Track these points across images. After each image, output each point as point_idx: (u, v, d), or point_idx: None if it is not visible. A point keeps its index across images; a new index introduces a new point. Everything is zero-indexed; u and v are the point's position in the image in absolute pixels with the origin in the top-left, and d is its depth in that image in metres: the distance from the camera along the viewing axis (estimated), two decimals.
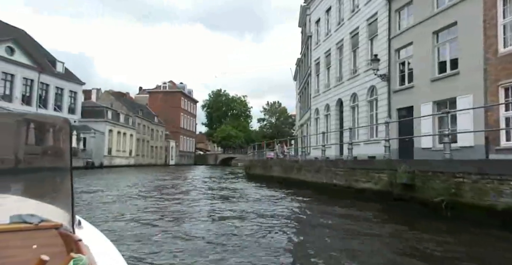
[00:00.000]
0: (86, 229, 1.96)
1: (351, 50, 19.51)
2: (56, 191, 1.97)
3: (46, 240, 1.57)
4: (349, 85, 19.32)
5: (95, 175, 24.19)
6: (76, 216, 1.83)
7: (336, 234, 5.97)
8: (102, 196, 11.54)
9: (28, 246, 1.51)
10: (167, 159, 65.68)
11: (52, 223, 1.67)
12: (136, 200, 10.40)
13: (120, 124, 45.61)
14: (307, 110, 27.56)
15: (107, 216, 7.53)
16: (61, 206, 1.82)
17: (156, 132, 61.78)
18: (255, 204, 9.48)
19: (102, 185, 14.87)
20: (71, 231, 1.68)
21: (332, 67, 21.91)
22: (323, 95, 23.36)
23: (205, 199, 10.01)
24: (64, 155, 1.92)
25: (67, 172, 1.82)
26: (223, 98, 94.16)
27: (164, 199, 10.84)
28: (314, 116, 25.10)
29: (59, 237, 1.62)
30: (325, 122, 23.11)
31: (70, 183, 1.79)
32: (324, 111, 23.08)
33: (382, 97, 15.94)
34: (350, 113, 19.41)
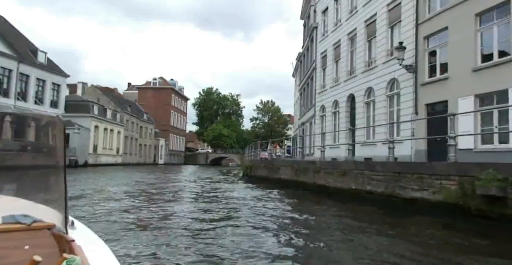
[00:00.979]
0: (79, 230, 1.93)
1: (366, 40, 17.65)
2: (49, 191, 1.93)
3: (39, 240, 1.55)
4: (364, 78, 17.45)
5: (76, 175, 21.80)
6: (69, 217, 1.78)
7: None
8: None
9: (20, 247, 1.47)
10: (156, 158, 63.12)
11: (45, 223, 1.63)
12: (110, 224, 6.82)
13: (107, 120, 43.02)
14: (310, 108, 25.65)
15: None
16: (54, 207, 1.79)
17: (145, 129, 59.20)
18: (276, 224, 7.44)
19: (77, 189, 12.64)
20: (64, 231, 1.66)
21: (342, 59, 20.03)
22: (330, 90, 21.47)
23: (204, 221, 7.72)
24: (57, 154, 1.86)
25: (61, 171, 1.77)
26: (215, 97, 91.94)
27: (148, 220, 8.26)
28: (319, 114, 23.19)
29: (52, 237, 1.60)
30: (332, 120, 21.23)
31: (63, 183, 1.74)
32: (332, 108, 21.19)
33: (406, 91, 14.09)
34: (364, 109, 17.55)
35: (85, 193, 11.67)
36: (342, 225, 6.59)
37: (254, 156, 23.66)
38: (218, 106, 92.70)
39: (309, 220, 7.11)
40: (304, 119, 28.11)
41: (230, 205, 9.32)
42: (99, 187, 14.39)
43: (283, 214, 7.89)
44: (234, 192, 12.99)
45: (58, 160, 1.86)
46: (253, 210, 8.39)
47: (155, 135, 63.61)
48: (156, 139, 63.49)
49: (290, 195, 11.43)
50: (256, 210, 8.40)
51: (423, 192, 7.06)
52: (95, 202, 9.35)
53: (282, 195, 11.67)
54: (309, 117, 25.74)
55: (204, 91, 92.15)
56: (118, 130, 46.75)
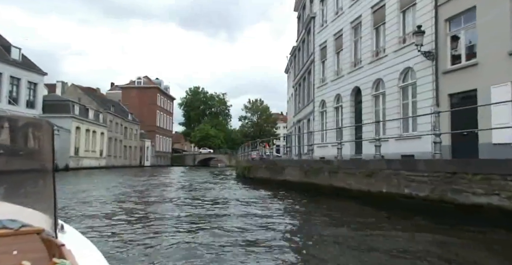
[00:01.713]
0: (69, 234, 1.90)
1: (373, 28, 16.24)
2: (38, 195, 1.88)
3: (28, 245, 1.52)
4: (371, 69, 16.04)
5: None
6: (59, 221, 1.76)
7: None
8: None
9: (8, 252, 1.43)
10: (142, 160, 60.75)
11: (33, 228, 1.61)
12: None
13: (89, 120, 40.63)
14: (308, 103, 24.18)
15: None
16: (43, 211, 1.76)
17: (130, 130, 56.79)
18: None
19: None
20: (53, 235, 1.64)
21: (345, 50, 18.59)
22: (331, 84, 20.02)
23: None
24: (46, 158, 1.83)
25: (49, 175, 1.75)
26: (202, 96, 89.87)
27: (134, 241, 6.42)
28: (319, 110, 21.73)
29: (41, 242, 1.57)
30: (334, 115, 19.79)
31: (52, 187, 1.72)
32: (334, 102, 19.75)
33: (423, 81, 12.69)
34: (372, 103, 16.13)
35: (60, 205, 9.81)
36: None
37: (244, 157, 22.06)
38: (205, 106, 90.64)
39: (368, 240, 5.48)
40: (301, 116, 26.63)
41: (244, 221, 7.62)
42: (77, 197, 12.48)
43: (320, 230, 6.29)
44: (243, 200, 11.33)
45: (46, 163, 1.83)
46: (275, 229, 6.76)
47: (141, 136, 61.23)
48: (142, 140, 61.11)
49: (308, 202, 9.84)
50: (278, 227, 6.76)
51: (492, 197, 5.57)
52: (71, 219, 7.54)
53: (298, 202, 10.07)
54: (307, 114, 24.27)
55: (190, 91, 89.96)
56: (101, 131, 44.37)
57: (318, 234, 5.84)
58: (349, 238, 5.50)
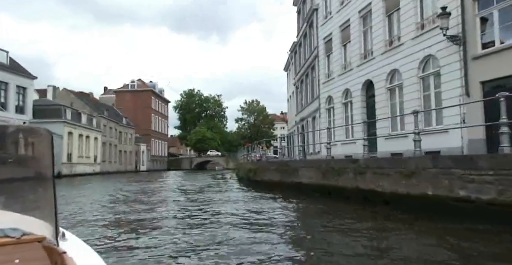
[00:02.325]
0: (71, 241, 1.89)
1: (385, 16, 15.07)
2: (39, 202, 1.86)
3: (29, 254, 1.48)
4: (384, 60, 14.86)
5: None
6: (60, 228, 1.77)
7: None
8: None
9: (10, 261, 1.40)
10: (137, 165, 59.16)
11: (35, 236, 1.57)
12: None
13: (82, 125, 39.09)
14: (312, 101, 22.96)
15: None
16: (44, 218, 1.74)
17: (124, 135, 55.24)
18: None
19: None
20: (55, 243, 1.62)
21: (353, 42, 17.41)
22: (339, 79, 18.82)
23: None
24: (46, 166, 1.83)
25: (50, 183, 1.77)
26: (197, 99, 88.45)
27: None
28: (325, 106, 20.51)
29: (42, 250, 1.53)
30: (343, 112, 18.58)
31: (53, 194, 1.72)
32: (342, 98, 18.54)
33: (449, 69, 11.50)
34: (386, 96, 14.93)
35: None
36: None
37: (247, 159, 20.80)
38: (201, 108, 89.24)
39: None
40: (304, 114, 25.40)
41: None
42: (68, 209, 11.13)
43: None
44: (257, 209, 10.02)
45: (46, 171, 1.85)
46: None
47: (136, 140, 59.69)
48: (137, 145, 59.55)
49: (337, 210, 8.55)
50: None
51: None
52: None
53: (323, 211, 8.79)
54: (311, 112, 23.04)
55: (185, 93, 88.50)
56: (95, 136, 42.82)
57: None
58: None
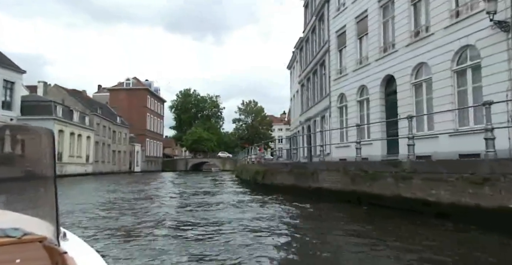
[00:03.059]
0: (72, 241, 1.87)
1: (410, 4, 13.67)
2: (40, 202, 1.84)
3: (30, 254, 1.50)
4: (409, 53, 13.45)
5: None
6: (61, 228, 1.75)
7: None
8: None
9: (11, 261, 1.40)
10: (131, 165, 57.31)
11: (36, 236, 1.59)
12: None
13: (73, 123, 37.28)
14: (321, 99, 21.53)
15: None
16: (45, 218, 1.73)
17: (118, 134, 53.41)
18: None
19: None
20: (56, 243, 1.61)
21: (372, 34, 16.00)
22: (353, 74, 17.39)
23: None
24: (47, 166, 1.82)
25: (51, 183, 1.72)
26: (193, 99, 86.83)
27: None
28: (336, 105, 19.07)
29: (43, 250, 1.54)
30: (358, 110, 17.14)
31: (53, 194, 1.69)
32: (357, 95, 17.11)
33: (493, 60, 10.08)
34: (411, 93, 13.51)
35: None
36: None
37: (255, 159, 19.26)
38: (197, 109, 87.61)
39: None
40: (311, 113, 23.94)
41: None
42: None
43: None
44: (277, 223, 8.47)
45: (47, 171, 1.82)
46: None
47: (130, 140, 57.86)
48: (131, 145, 57.71)
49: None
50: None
51: None
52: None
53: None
54: (320, 111, 21.59)
55: (181, 93, 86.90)
56: (87, 134, 41.00)
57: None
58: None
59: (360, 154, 10.23)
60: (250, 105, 78.98)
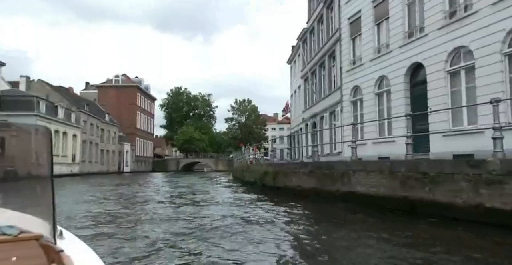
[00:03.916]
0: (68, 240, 1.84)
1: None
2: (36, 200, 1.85)
3: (26, 251, 1.48)
4: (443, 37, 11.74)
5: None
6: (57, 226, 1.74)
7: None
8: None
9: (7, 259, 1.40)
10: (121, 166, 54.88)
11: (32, 234, 1.59)
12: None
13: (58, 120, 34.88)
14: (330, 93, 19.76)
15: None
16: (41, 216, 1.71)
17: (107, 132, 50.96)
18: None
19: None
20: (52, 241, 1.60)
21: (393, 18, 14.27)
22: (370, 64, 15.65)
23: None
24: (44, 164, 1.80)
25: (48, 181, 1.70)
26: (184, 97, 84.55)
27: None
28: (349, 99, 17.33)
29: (39, 248, 1.53)
30: (376, 104, 15.41)
31: (51, 193, 1.66)
32: (375, 87, 15.37)
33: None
34: (445, 82, 11.79)
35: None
36: None
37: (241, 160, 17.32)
38: (189, 108, 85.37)
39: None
40: (317, 109, 22.15)
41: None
42: None
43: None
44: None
45: (44, 169, 1.79)
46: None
47: (119, 139, 55.43)
48: (121, 144, 55.27)
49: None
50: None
51: None
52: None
53: None
54: (329, 106, 19.82)
55: (172, 91, 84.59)
56: (73, 132, 38.57)
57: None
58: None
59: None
60: (244, 103, 77.00)
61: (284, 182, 11.87)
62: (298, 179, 11.02)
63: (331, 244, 5.35)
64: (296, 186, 11.06)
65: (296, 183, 11.10)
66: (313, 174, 10.20)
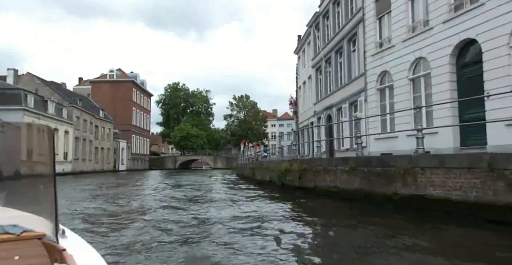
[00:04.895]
0: (71, 239, 1.87)
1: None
2: (39, 199, 1.86)
3: (29, 250, 1.48)
4: (503, 6, 9.69)
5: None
6: (60, 225, 1.76)
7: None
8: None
9: (10, 258, 1.40)
10: (116, 164, 52.59)
11: (35, 233, 1.57)
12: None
13: (48, 115, 32.55)
14: (351, 81, 17.70)
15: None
16: (44, 215, 1.72)
17: (101, 129, 48.63)
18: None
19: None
20: (54, 240, 1.60)
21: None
22: (402, 46, 13.62)
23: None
24: (47, 163, 1.83)
25: (50, 180, 1.74)
26: (182, 93, 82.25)
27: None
28: (375, 86, 15.30)
29: (42, 247, 1.52)
30: (410, 90, 13.38)
31: (53, 192, 1.70)
32: (409, 72, 13.33)
33: None
34: (509, 60, 9.74)
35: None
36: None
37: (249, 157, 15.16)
38: (186, 104, 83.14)
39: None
40: (333, 100, 20.10)
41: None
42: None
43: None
44: None
45: (46, 168, 1.83)
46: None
47: (115, 136, 53.09)
48: (116, 141, 52.95)
49: None
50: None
51: None
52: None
53: None
54: (348, 96, 17.78)
55: (169, 87, 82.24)
56: (65, 129, 36.25)
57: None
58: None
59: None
60: (242, 99, 74.80)
61: (314, 182, 9.80)
62: (335, 178, 8.95)
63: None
64: (332, 187, 9.00)
65: (331, 183, 9.04)
66: (358, 172, 8.13)
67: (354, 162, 8.37)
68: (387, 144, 14.31)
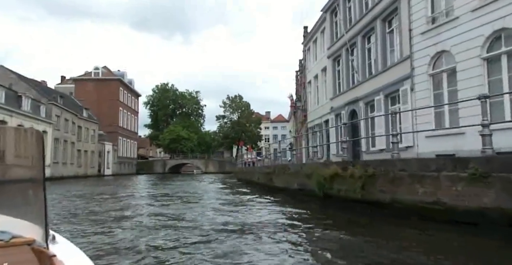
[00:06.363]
0: (61, 244, 1.82)
1: None
2: (28, 205, 1.83)
3: (19, 257, 1.47)
4: None
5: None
6: (50, 231, 1.72)
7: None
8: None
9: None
10: (101, 168, 48.59)
11: (24, 239, 1.58)
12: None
13: (22, 112, 28.70)
14: (388, 67, 14.72)
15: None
16: (33, 221, 1.70)
17: (85, 130, 44.68)
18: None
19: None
20: (44, 246, 1.59)
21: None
22: (469, 17, 10.69)
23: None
24: (36, 168, 1.79)
25: (40, 185, 1.71)
26: (171, 94, 78.57)
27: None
28: (427, 71, 12.33)
29: (32, 253, 1.52)
30: (484, 73, 10.41)
31: (43, 197, 1.67)
32: (482, 50, 10.38)
33: None
34: None
35: None
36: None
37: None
38: (175, 105, 79.43)
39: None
40: (359, 93, 17.08)
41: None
42: None
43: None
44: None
45: (36, 173, 1.78)
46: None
47: (100, 138, 49.12)
48: (101, 143, 48.99)
49: None
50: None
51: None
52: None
53: None
54: (383, 87, 14.80)
55: (158, 88, 78.54)
56: (43, 128, 32.32)
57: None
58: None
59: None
60: (236, 100, 71.56)
61: (392, 193, 6.66)
62: (436, 190, 5.83)
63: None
64: (429, 202, 5.88)
65: (429, 197, 5.91)
66: (491, 180, 5.04)
67: (480, 164, 5.27)
68: (447, 142, 11.28)
